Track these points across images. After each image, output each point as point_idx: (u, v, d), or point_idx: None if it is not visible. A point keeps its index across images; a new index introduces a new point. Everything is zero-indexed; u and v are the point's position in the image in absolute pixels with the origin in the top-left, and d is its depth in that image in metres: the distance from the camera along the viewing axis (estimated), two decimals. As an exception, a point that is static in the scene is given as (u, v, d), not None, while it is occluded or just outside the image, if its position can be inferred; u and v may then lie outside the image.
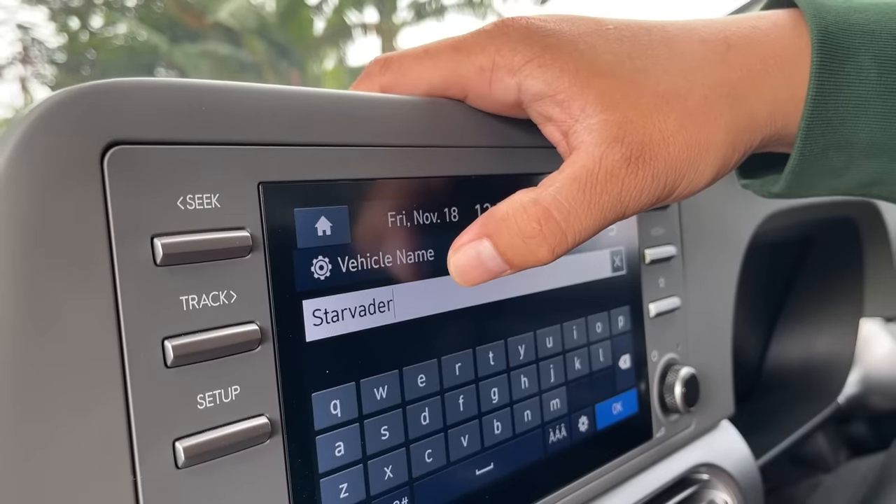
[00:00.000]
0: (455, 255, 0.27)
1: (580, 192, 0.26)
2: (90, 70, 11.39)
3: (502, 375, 0.35)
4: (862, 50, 0.28)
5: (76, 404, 0.22)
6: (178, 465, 0.24)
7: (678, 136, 0.27)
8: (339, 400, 0.28)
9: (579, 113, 0.27)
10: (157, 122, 0.23)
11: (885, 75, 0.28)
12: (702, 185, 0.28)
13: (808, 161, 0.30)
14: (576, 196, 0.26)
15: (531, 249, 0.26)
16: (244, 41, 11.36)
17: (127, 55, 11.04)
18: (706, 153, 0.27)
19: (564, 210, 0.26)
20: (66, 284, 0.22)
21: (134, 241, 0.23)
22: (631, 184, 0.26)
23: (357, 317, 0.29)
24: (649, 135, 0.26)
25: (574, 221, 0.26)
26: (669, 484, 0.46)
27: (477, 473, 0.33)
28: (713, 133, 0.27)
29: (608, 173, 0.26)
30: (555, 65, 0.28)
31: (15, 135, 0.21)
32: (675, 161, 0.27)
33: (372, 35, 12.94)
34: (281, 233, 0.26)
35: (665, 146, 0.27)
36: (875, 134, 0.29)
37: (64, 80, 11.16)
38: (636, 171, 0.26)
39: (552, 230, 0.26)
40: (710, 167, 0.28)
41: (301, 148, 0.27)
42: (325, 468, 0.28)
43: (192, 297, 0.24)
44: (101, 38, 11.43)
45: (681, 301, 0.46)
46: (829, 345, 0.83)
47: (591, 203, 0.26)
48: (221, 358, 0.25)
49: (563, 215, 0.26)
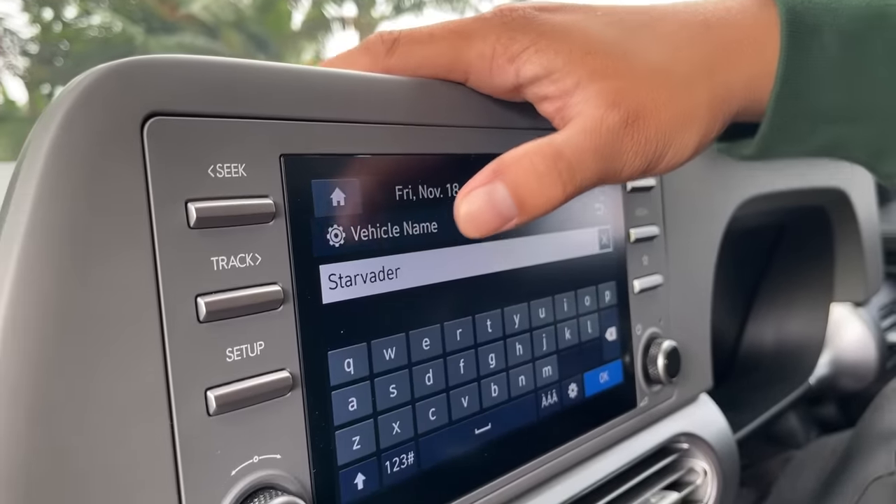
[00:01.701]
0: (464, 201, 0.28)
1: (588, 139, 0.28)
2: (64, 61, 11.22)
3: (499, 342, 0.37)
4: (826, 27, 0.31)
5: (120, 355, 0.24)
6: (210, 412, 0.26)
7: (668, 105, 0.29)
8: (353, 359, 0.30)
9: (574, 87, 0.29)
10: (190, 96, 0.25)
11: (845, 50, 0.31)
12: (687, 155, 0.31)
13: (777, 128, 0.33)
14: (584, 142, 0.28)
15: (544, 188, 0.28)
16: (221, 33, 11.26)
17: (101, 46, 10.90)
18: (692, 122, 0.30)
19: (576, 151, 0.28)
20: (111, 244, 0.23)
21: (170, 205, 0.25)
22: (628, 144, 0.29)
23: (368, 282, 0.31)
24: (643, 102, 0.29)
25: (583, 163, 0.28)
26: (652, 451, 0.49)
27: (476, 433, 0.36)
28: (697, 104, 0.30)
29: (609, 131, 0.29)
30: (549, 49, 0.30)
31: (63, 106, 0.23)
32: (665, 127, 0.29)
33: (350, 29, 12.90)
34: (300, 202, 0.28)
35: (657, 113, 0.29)
36: (836, 103, 0.32)
37: (37, 72, 10.99)
38: (633, 133, 0.29)
39: (565, 167, 0.28)
40: (695, 135, 0.31)
41: (320, 123, 0.29)
42: (340, 421, 0.30)
43: (221, 258, 0.26)
44: (75, 28, 11.27)
45: (663, 278, 0.49)
46: (801, 328, 0.87)
47: (596, 150, 0.28)
48: (247, 315, 0.27)
49: (575, 156, 0.28)
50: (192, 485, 0.25)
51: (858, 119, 0.33)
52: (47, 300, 0.22)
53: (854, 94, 0.32)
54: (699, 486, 0.53)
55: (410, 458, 0.33)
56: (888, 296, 1.00)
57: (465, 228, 0.28)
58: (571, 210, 0.41)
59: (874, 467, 0.62)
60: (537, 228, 0.39)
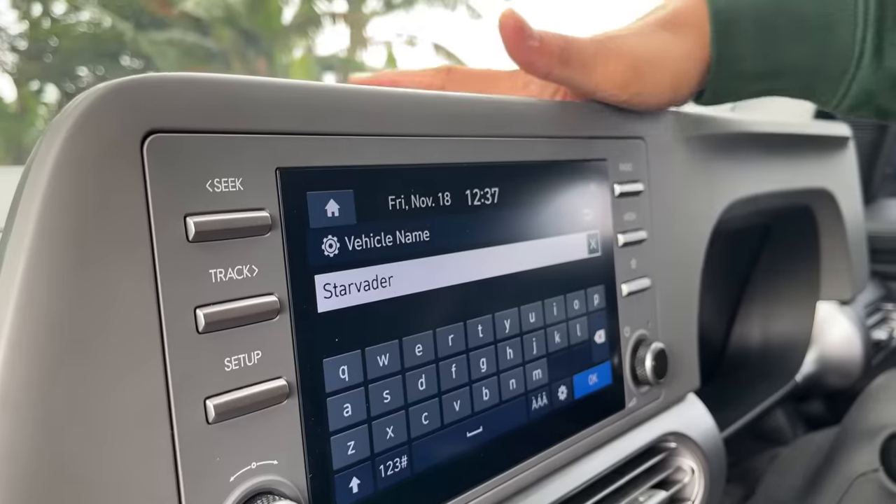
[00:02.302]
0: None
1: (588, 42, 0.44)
2: (53, 58, 11.15)
3: (490, 347, 0.38)
4: (744, 17, 0.46)
5: (122, 366, 0.24)
6: (209, 420, 0.26)
7: (652, 58, 0.45)
8: (347, 366, 0.31)
9: None
10: (189, 113, 0.26)
11: (759, 31, 0.46)
12: (664, 94, 0.47)
13: (717, 88, 0.48)
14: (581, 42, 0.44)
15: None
16: (211, 29, 11.22)
17: (91, 42, 10.84)
18: (661, 69, 0.46)
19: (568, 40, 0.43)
20: (112, 258, 0.24)
21: (169, 220, 0.26)
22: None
23: (362, 291, 0.32)
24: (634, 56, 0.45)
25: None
26: (640, 450, 0.50)
27: (468, 435, 0.37)
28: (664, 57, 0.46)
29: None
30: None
31: (66, 124, 0.24)
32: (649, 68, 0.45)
33: (341, 24, 12.87)
34: (295, 214, 0.29)
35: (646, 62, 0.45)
36: (759, 68, 0.47)
37: (26, 68, 10.93)
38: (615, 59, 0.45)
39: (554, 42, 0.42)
40: (669, 80, 0.47)
41: (313, 137, 0.30)
42: (335, 427, 0.31)
43: (219, 270, 0.27)
44: (64, 24, 11.20)
45: (651, 282, 0.50)
46: (787, 327, 0.88)
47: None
48: (245, 326, 0.27)
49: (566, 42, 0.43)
50: (192, 491, 0.26)
51: (779, 75, 0.47)
52: (51, 313, 0.23)
53: (770, 60, 0.47)
54: (686, 485, 0.54)
55: (404, 461, 0.33)
56: (873, 294, 1.01)
57: (503, 28, 0.41)
58: (561, 215, 0.42)
59: (859, 464, 0.63)
60: (527, 234, 0.40)
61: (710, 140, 0.58)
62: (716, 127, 0.59)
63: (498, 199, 0.38)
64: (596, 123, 0.46)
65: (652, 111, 0.51)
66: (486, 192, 0.37)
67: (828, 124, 0.82)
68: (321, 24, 12.48)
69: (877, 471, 0.61)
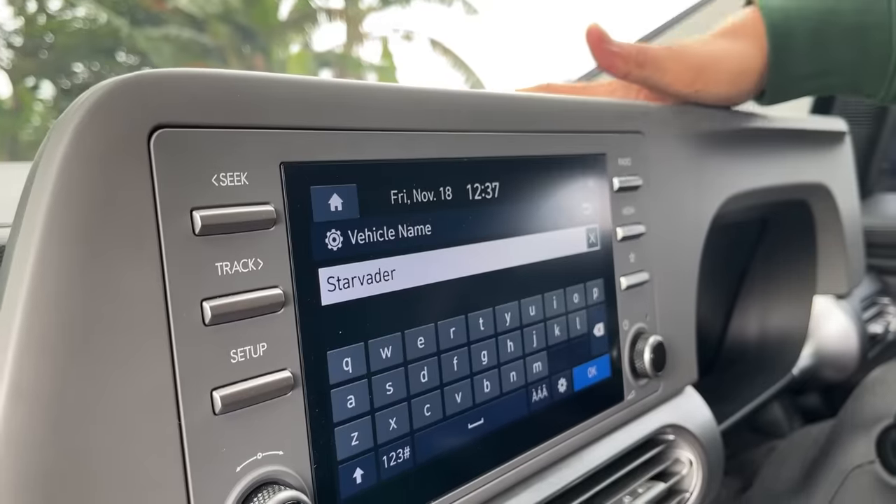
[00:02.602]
0: None
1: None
2: (48, 54, 11.12)
3: (491, 340, 0.38)
4: (796, 27, 0.55)
5: (130, 358, 0.25)
6: (216, 411, 0.27)
7: (719, 63, 0.56)
8: (351, 358, 0.31)
9: None
10: (195, 108, 0.26)
11: (812, 39, 0.55)
12: (723, 88, 0.57)
13: (775, 90, 0.58)
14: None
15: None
16: (207, 25, 11.19)
17: (86, 39, 10.81)
18: (721, 68, 0.56)
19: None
20: (120, 252, 0.25)
21: (176, 213, 0.26)
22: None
23: (365, 284, 0.32)
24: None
25: None
26: (639, 442, 0.50)
27: (469, 427, 0.37)
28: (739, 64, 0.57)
29: None
30: None
31: (75, 119, 0.24)
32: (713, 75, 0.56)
33: (337, 20, 12.84)
34: (299, 207, 0.30)
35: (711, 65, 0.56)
36: (809, 70, 0.57)
37: (21, 64, 10.88)
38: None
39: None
40: (728, 76, 0.56)
41: (317, 132, 0.30)
42: (339, 418, 0.31)
43: (225, 263, 0.27)
44: (59, 20, 11.16)
45: (649, 275, 0.50)
46: (784, 321, 0.88)
47: None
48: (251, 318, 0.28)
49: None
50: (199, 481, 0.26)
51: (829, 74, 0.57)
52: (61, 306, 0.23)
53: (820, 62, 0.56)
54: (685, 477, 0.54)
55: (406, 452, 0.34)
56: (869, 288, 1.02)
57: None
58: (560, 209, 0.43)
59: (855, 456, 0.63)
60: (527, 228, 0.40)
61: (707, 135, 0.58)
62: (713, 122, 0.59)
63: (498, 194, 0.39)
64: (595, 118, 0.46)
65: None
66: (486, 187, 0.38)
67: (824, 119, 0.82)
68: (317, 20, 12.45)
69: (873, 462, 0.62)
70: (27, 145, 9.95)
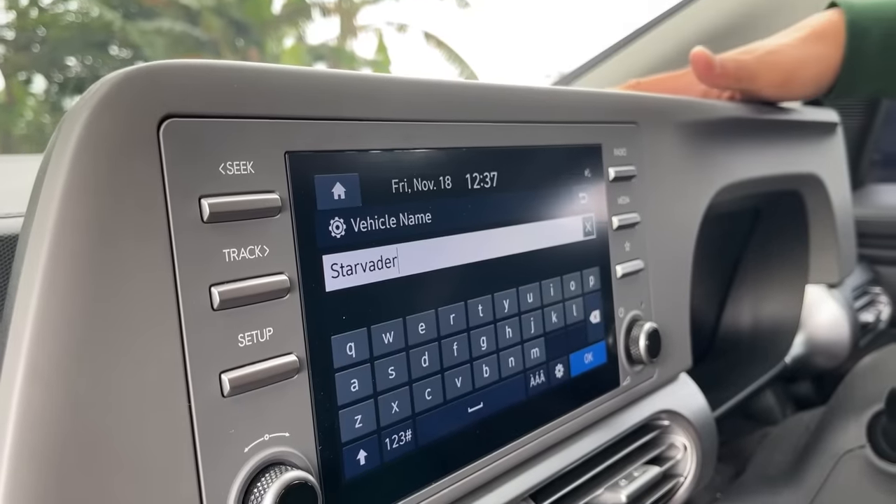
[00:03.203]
0: None
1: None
2: (41, 47, 11.05)
3: (490, 326, 0.39)
4: (873, 30, 0.61)
5: (142, 342, 0.25)
6: (224, 394, 0.28)
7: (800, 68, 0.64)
8: (354, 343, 0.32)
9: None
10: (202, 98, 0.27)
11: (885, 41, 0.61)
12: (808, 89, 0.66)
13: (844, 86, 0.65)
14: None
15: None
16: (201, 18, 11.14)
17: (79, 32, 10.75)
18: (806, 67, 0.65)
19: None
20: (131, 239, 0.25)
21: (185, 201, 0.27)
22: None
23: (367, 271, 0.33)
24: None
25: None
26: (634, 427, 0.51)
27: (469, 411, 0.38)
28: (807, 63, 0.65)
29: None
30: None
31: (86, 109, 0.25)
32: (795, 75, 0.64)
33: (331, 14, 12.80)
34: (304, 196, 0.30)
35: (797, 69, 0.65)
36: (879, 69, 0.63)
37: (14, 59, 10.83)
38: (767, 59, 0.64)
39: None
40: (813, 79, 0.65)
41: (320, 122, 0.31)
42: (343, 401, 0.32)
43: (233, 250, 0.28)
44: (52, 14, 11.10)
45: (644, 263, 0.51)
46: (777, 310, 0.90)
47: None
48: (257, 303, 0.29)
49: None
50: (209, 462, 0.27)
51: (893, 74, 0.63)
52: (75, 292, 0.24)
53: (890, 63, 0.62)
54: (679, 461, 0.55)
55: (408, 435, 0.35)
56: (861, 277, 1.03)
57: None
58: (557, 199, 0.43)
59: (846, 441, 0.65)
60: (525, 217, 0.41)
61: (701, 125, 0.59)
62: (707, 112, 0.60)
63: (496, 183, 0.39)
64: (591, 109, 0.47)
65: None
66: (485, 176, 0.39)
67: (817, 110, 0.83)
68: (311, 14, 12.41)
69: (863, 447, 0.63)
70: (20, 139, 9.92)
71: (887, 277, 1.08)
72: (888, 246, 1.09)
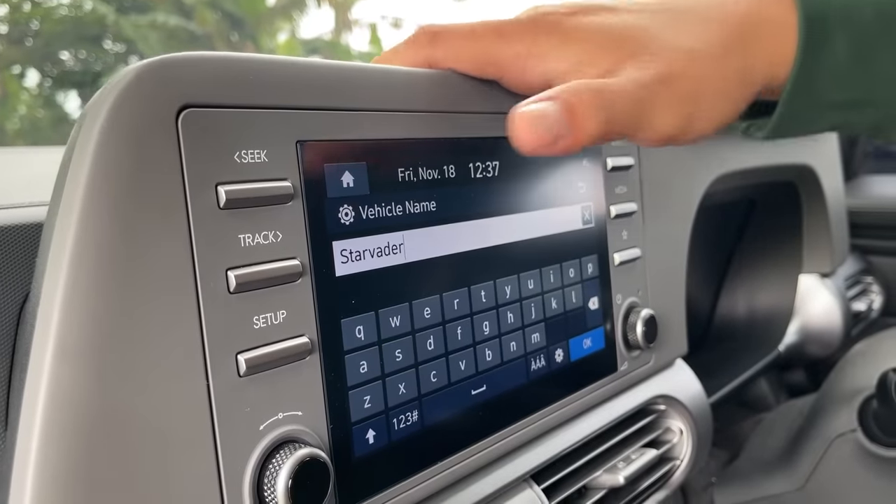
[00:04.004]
0: (519, 112, 0.31)
1: (628, 86, 0.31)
2: (34, 41, 11.01)
3: (492, 311, 0.40)
4: (838, 32, 0.34)
5: (162, 323, 0.27)
6: (240, 373, 0.29)
7: (702, 75, 0.33)
8: (363, 326, 0.33)
9: (603, 73, 0.32)
10: (218, 89, 0.28)
11: (853, 53, 0.34)
12: (716, 122, 0.34)
13: (787, 117, 0.36)
14: (625, 87, 0.31)
15: (588, 116, 0.30)
16: (195, 12, 11.10)
17: (72, 26, 10.70)
18: (722, 92, 0.33)
19: (617, 92, 0.31)
20: (152, 224, 0.26)
21: (202, 188, 0.28)
22: (664, 97, 0.32)
23: (375, 257, 0.34)
24: (676, 68, 0.32)
25: (621, 104, 0.31)
26: (631, 412, 0.52)
27: (472, 393, 0.39)
28: (727, 77, 0.33)
29: (645, 85, 0.32)
30: (576, 44, 0.33)
31: (108, 101, 0.26)
32: (698, 90, 0.33)
33: (325, 7, 12.76)
34: (314, 184, 0.31)
35: (690, 77, 0.32)
36: (843, 97, 0.35)
37: (7, 53, 10.78)
38: (667, 89, 0.32)
39: (606, 103, 0.31)
40: (725, 104, 0.34)
41: (330, 112, 0.32)
42: (353, 382, 0.33)
43: (247, 235, 0.29)
44: (45, 8, 11.05)
45: (641, 251, 0.52)
46: (771, 299, 0.91)
47: (634, 97, 0.31)
48: (271, 287, 0.30)
49: (615, 95, 0.31)
50: (226, 438, 0.28)
51: (862, 106, 0.36)
52: (100, 275, 0.25)
53: (859, 89, 0.35)
54: (675, 445, 0.57)
55: (415, 416, 0.36)
56: (853, 267, 1.05)
57: (518, 136, 0.31)
58: (557, 188, 0.45)
59: (838, 425, 0.66)
60: (525, 206, 0.42)
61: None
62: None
63: (499, 172, 0.40)
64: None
65: None
66: (487, 166, 0.40)
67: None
68: (305, 7, 12.37)
69: (854, 431, 0.64)
70: (14, 134, 9.88)
71: (879, 267, 1.10)
72: (880, 236, 1.11)
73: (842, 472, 0.64)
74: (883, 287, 1.08)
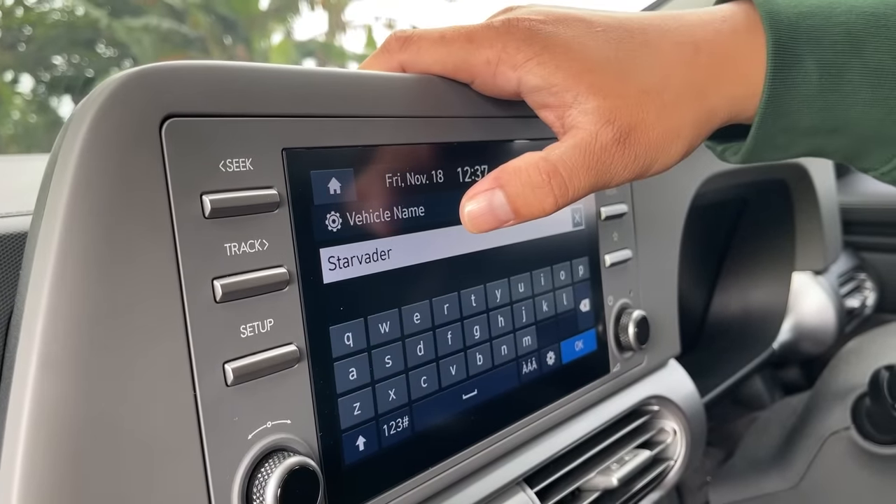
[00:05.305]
0: (469, 202, 0.32)
1: (581, 156, 0.31)
2: (27, 46, 10.98)
3: (482, 315, 0.40)
4: (807, 56, 0.33)
5: (148, 334, 0.26)
6: (228, 383, 0.29)
7: (656, 124, 0.32)
8: (352, 333, 0.33)
9: (573, 101, 0.32)
10: (202, 98, 0.28)
11: (824, 76, 0.34)
12: (671, 164, 0.35)
13: (760, 143, 0.36)
14: (578, 159, 0.31)
15: (538, 199, 0.31)
16: (188, 15, 11.08)
17: (65, 30, 10.68)
18: (677, 139, 0.33)
19: (568, 168, 0.31)
20: (136, 234, 0.26)
21: (187, 198, 0.28)
22: (619, 159, 0.32)
23: (363, 263, 0.34)
24: (634, 122, 0.32)
25: (575, 179, 0.31)
26: (625, 413, 0.52)
27: (463, 398, 0.39)
28: (683, 124, 0.33)
29: (602, 147, 0.32)
30: (551, 63, 0.33)
31: (91, 110, 0.26)
32: (653, 145, 0.33)
33: (318, 9, 12.76)
34: (301, 191, 0.31)
35: (646, 132, 0.32)
36: (814, 121, 0.35)
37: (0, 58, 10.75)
38: (623, 150, 0.32)
39: (558, 183, 0.31)
40: (679, 150, 0.34)
41: (317, 119, 0.32)
42: (342, 389, 0.33)
43: (233, 244, 0.29)
44: (37, 12, 11.02)
45: (632, 253, 0.52)
46: (764, 297, 0.91)
47: (588, 167, 0.32)
48: (258, 296, 0.30)
49: (567, 172, 0.31)
50: (214, 448, 0.28)
51: (835, 132, 0.35)
52: (84, 286, 0.25)
53: (831, 114, 0.34)
54: (669, 445, 0.57)
55: (405, 422, 0.36)
56: (846, 264, 1.05)
57: (467, 226, 0.32)
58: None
59: (831, 423, 0.66)
60: (515, 209, 0.42)
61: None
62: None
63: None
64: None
65: None
66: (476, 170, 0.40)
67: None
68: (298, 10, 12.36)
69: (848, 428, 0.64)
70: (7, 139, 9.86)
71: (872, 263, 1.10)
72: (873, 232, 1.11)
73: (836, 470, 0.64)
74: (876, 283, 1.08)
